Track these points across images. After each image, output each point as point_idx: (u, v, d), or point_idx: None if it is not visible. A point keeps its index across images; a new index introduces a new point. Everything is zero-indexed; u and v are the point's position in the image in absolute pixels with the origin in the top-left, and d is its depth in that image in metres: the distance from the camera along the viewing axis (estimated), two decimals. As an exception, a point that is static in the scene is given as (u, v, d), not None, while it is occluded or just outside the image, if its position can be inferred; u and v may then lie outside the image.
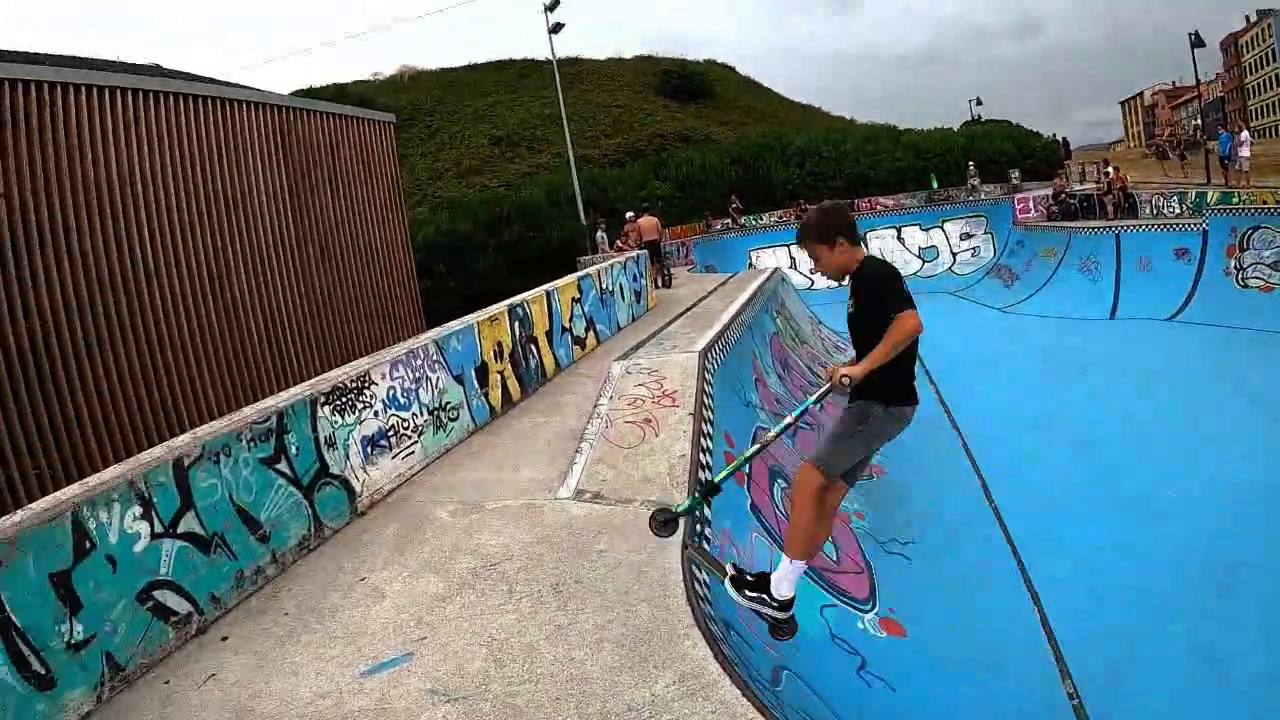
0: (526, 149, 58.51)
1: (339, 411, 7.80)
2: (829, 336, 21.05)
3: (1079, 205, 33.85)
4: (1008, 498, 12.21)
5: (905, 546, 10.20)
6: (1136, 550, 10.36)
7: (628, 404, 9.37)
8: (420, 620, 5.51)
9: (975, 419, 16.10)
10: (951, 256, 38.16)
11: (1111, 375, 19.14)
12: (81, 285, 13.51)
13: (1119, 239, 28.33)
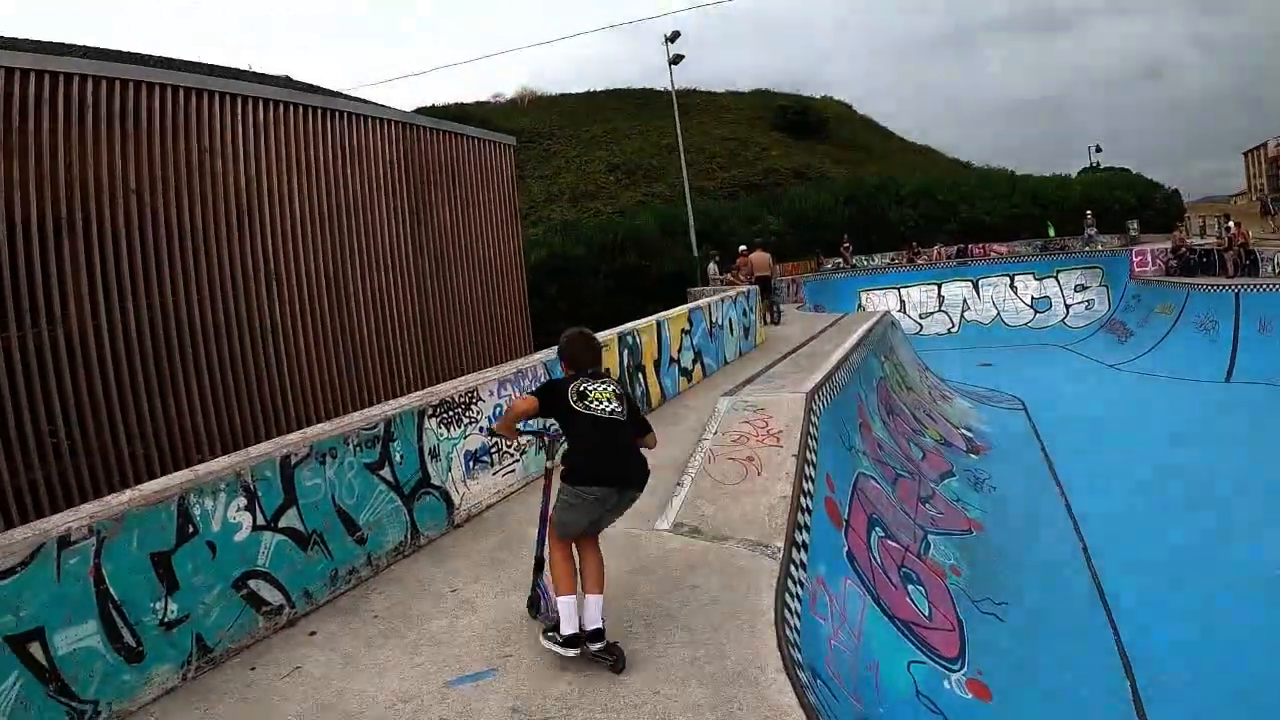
0: (642, 177, 58.93)
1: (445, 425, 8.00)
2: (936, 384, 20.73)
3: (1199, 260, 32.98)
4: (1109, 562, 11.81)
5: (1000, 607, 9.93)
6: (1240, 628, 9.88)
7: (732, 440, 9.31)
8: (508, 638, 5.56)
9: (1081, 478, 15.61)
10: (1065, 308, 37.20)
11: (1224, 441, 18.26)
12: (204, 280, 13.89)
13: (1239, 297, 27.12)
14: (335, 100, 18.27)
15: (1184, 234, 37.66)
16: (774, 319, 22.89)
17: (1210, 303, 28.23)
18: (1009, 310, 37.75)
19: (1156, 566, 11.74)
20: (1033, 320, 37.07)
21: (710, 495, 8.03)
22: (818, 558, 7.50)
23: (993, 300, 38.00)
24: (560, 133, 67.32)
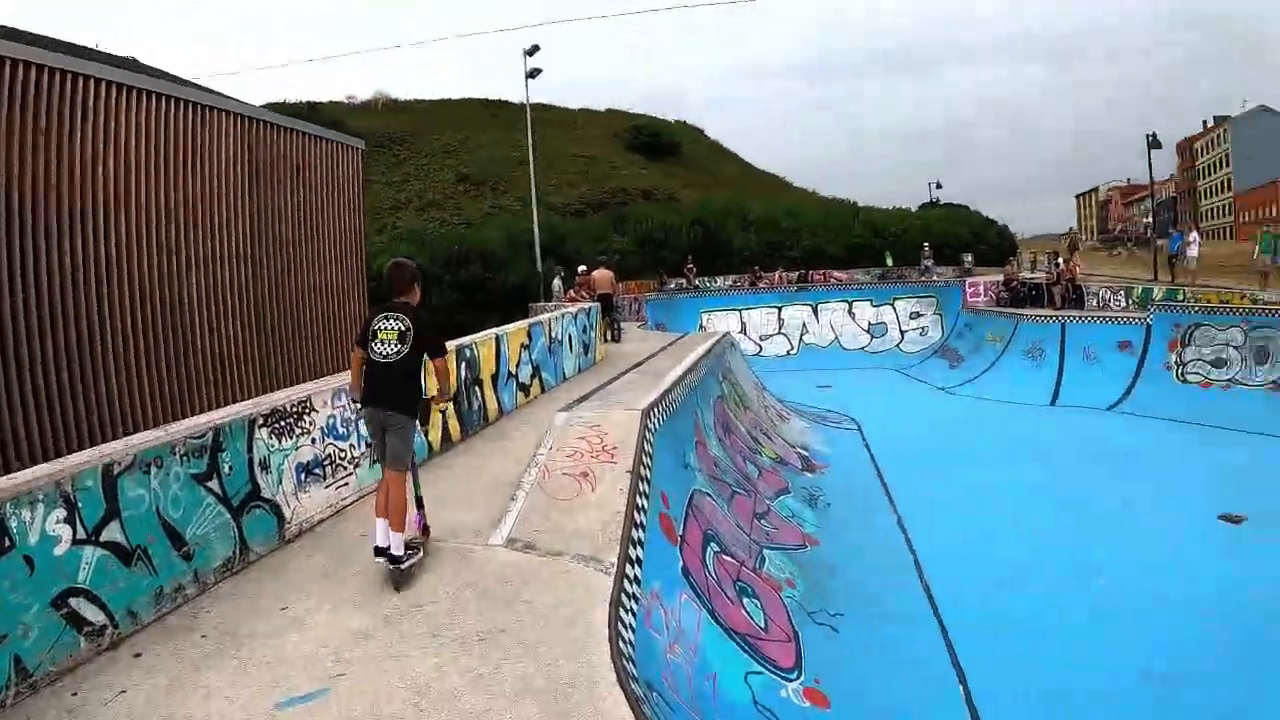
0: (490, 189, 58.65)
1: (277, 435, 7.72)
2: (774, 405, 21.18)
3: (1028, 293, 34.79)
4: (940, 575, 12.35)
5: (835, 618, 10.19)
6: (1065, 634, 10.62)
7: (567, 455, 9.32)
8: (340, 656, 5.42)
9: (912, 495, 16.33)
10: (900, 334, 38.79)
11: (1050, 460, 19.57)
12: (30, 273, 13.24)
13: (1065, 328, 29.25)
14: (180, 87, 17.61)
15: (1015, 268, 39.53)
16: (615, 337, 23.04)
17: (1038, 332, 30.15)
18: (846, 335, 38.94)
19: (985, 578, 12.41)
20: (869, 345, 38.46)
21: (544, 510, 8.03)
22: (652, 573, 7.58)
23: (831, 325, 39.19)
24: (412, 139, 66.64)
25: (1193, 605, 11.47)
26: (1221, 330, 24.99)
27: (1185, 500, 16.13)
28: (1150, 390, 25.29)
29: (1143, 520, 15.19)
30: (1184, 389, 24.80)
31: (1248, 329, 24.40)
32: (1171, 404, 23.90)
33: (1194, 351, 25.44)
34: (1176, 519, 15.15)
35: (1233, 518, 15.05)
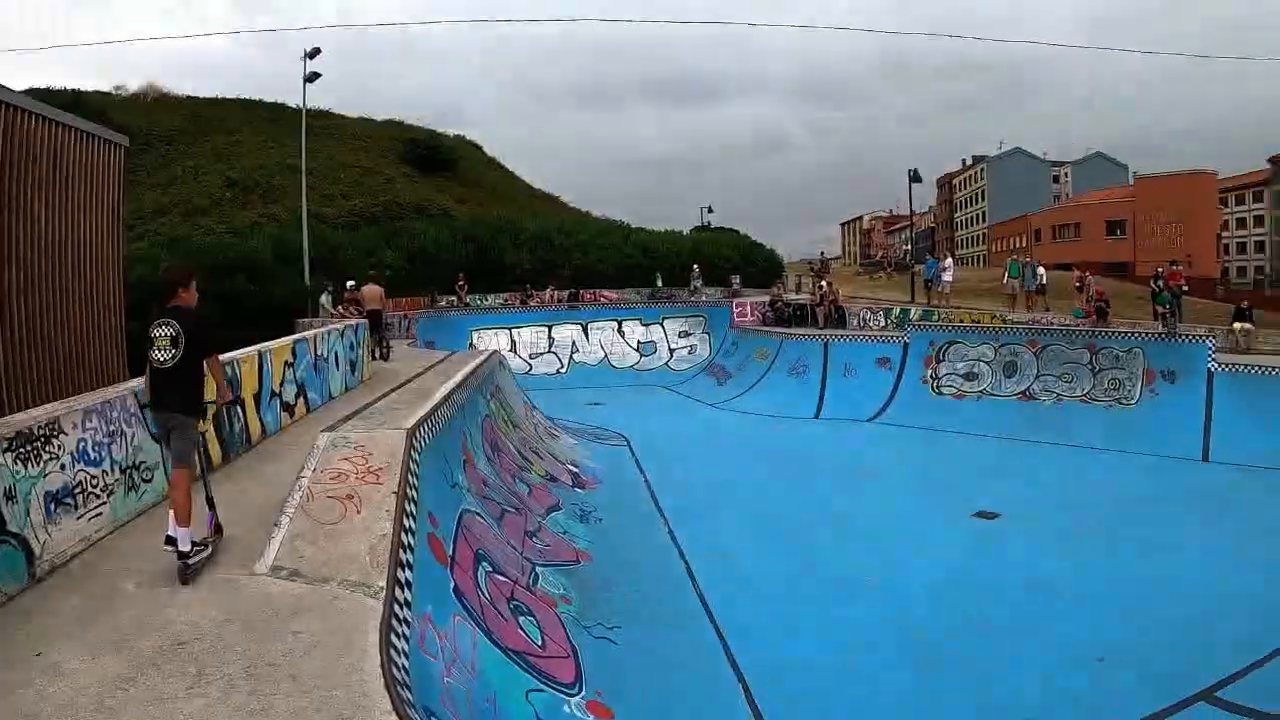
0: (260, 197, 56.08)
1: (22, 461, 6.97)
2: (544, 422, 21.32)
3: (793, 313, 36.34)
4: (714, 582, 12.82)
5: (612, 630, 10.43)
6: (838, 632, 11.36)
7: (331, 478, 9.04)
8: (101, 703, 5.10)
9: (683, 508, 16.84)
10: (669, 353, 39.66)
11: (815, 469, 20.89)
12: None
13: (827, 346, 30.93)
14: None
15: (781, 289, 41.14)
16: (383, 355, 22.53)
17: (802, 350, 31.76)
18: (616, 353, 39.42)
19: (758, 583, 13.04)
20: (639, 363, 39.14)
21: (310, 536, 7.81)
22: (423, 595, 7.55)
23: (601, 343, 39.60)
24: (181, 138, 62.54)
25: (954, 593, 12.74)
26: (973, 347, 27.62)
27: (943, 501, 17.82)
28: (908, 402, 27.52)
29: (905, 520, 16.53)
30: (939, 401, 27.26)
31: (997, 345, 27.19)
32: (928, 415, 26.29)
33: (948, 366, 27.92)
34: (936, 518, 16.63)
35: (987, 514, 16.67)
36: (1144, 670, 10.30)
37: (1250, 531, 15.79)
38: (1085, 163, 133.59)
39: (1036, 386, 26.19)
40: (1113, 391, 24.93)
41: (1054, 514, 17.04)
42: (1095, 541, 15.30)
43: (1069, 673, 10.32)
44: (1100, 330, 26.83)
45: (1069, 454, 22.41)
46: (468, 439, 13.93)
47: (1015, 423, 24.86)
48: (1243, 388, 22.83)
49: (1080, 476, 20.32)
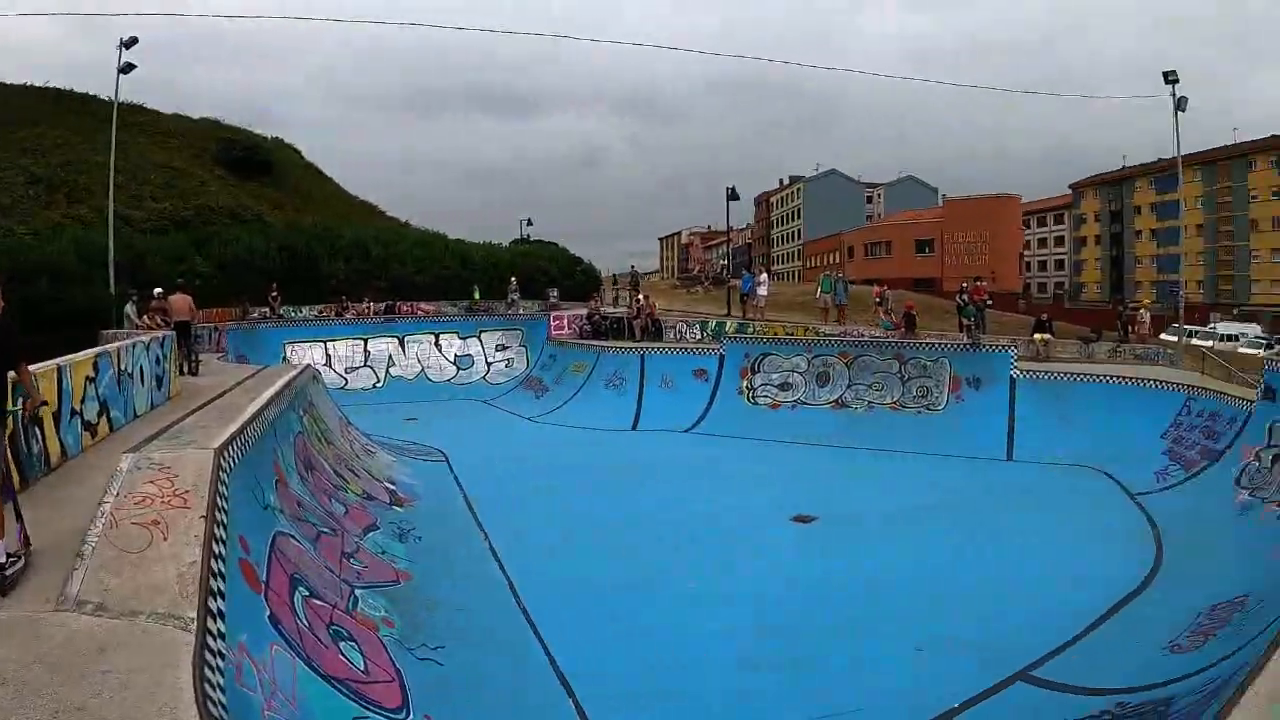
0: (65, 196, 52.79)
1: None
2: (359, 439, 21.01)
3: (610, 326, 36.82)
4: (538, 598, 12.92)
5: (437, 651, 10.34)
6: (664, 639, 11.72)
7: (136, 503, 8.56)
8: None
9: (502, 522, 16.94)
10: (486, 366, 39.41)
11: (633, 481, 21.27)
12: None
13: (644, 359, 31.50)
14: None
15: (599, 303, 41.46)
16: (192, 369, 21.74)
17: (619, 363, 32.19)
18: (433, 367, 38.91)
19: (581, 595, 13.23)
20: (456, 377, 38.71)
21: (114, 566, 7.36)
22: (238, 625, 7.30)
23: (418, 357, 39.01)
24: None
25: (776, 595, 13.38)
26: (787, 358, 29.00)
27: (762, 506, 18.53)
28: (724, 413, 28.49)
29: (726, 526, 17.17)
30: (755, 410, 28.48)
31: (811, 357, 28.70)
32: (744, 424, 27.30)
33: (763, 377, 29.19)
34: (756, 523, 17.35)
35: (804, 518, 17.39)
36: (963, 656, 11.09)
37: (1052, 523, 17.70)
38: (897, 185, 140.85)
39: (849, 395, 27.95)
40: (921, 399, 26.97)
41: (870, 515, 18.09)
42: (910, 539, 16.44)
43: (892, 664, 10.98)
44: (909, 341, 28.83)
45: (882, 458, 23.82)
46: (280, 458, 13.55)
47: (829, 430, 26.30)
48: (1042, 393, 25.18)
49: (893, 479, 21.66)
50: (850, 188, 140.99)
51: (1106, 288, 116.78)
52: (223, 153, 64.56)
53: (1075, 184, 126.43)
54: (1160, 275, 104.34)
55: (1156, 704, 8.52)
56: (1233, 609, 11.15)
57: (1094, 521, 17.71)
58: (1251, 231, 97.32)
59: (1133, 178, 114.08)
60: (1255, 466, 17.47)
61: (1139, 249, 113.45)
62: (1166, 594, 13.23)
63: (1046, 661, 10.89)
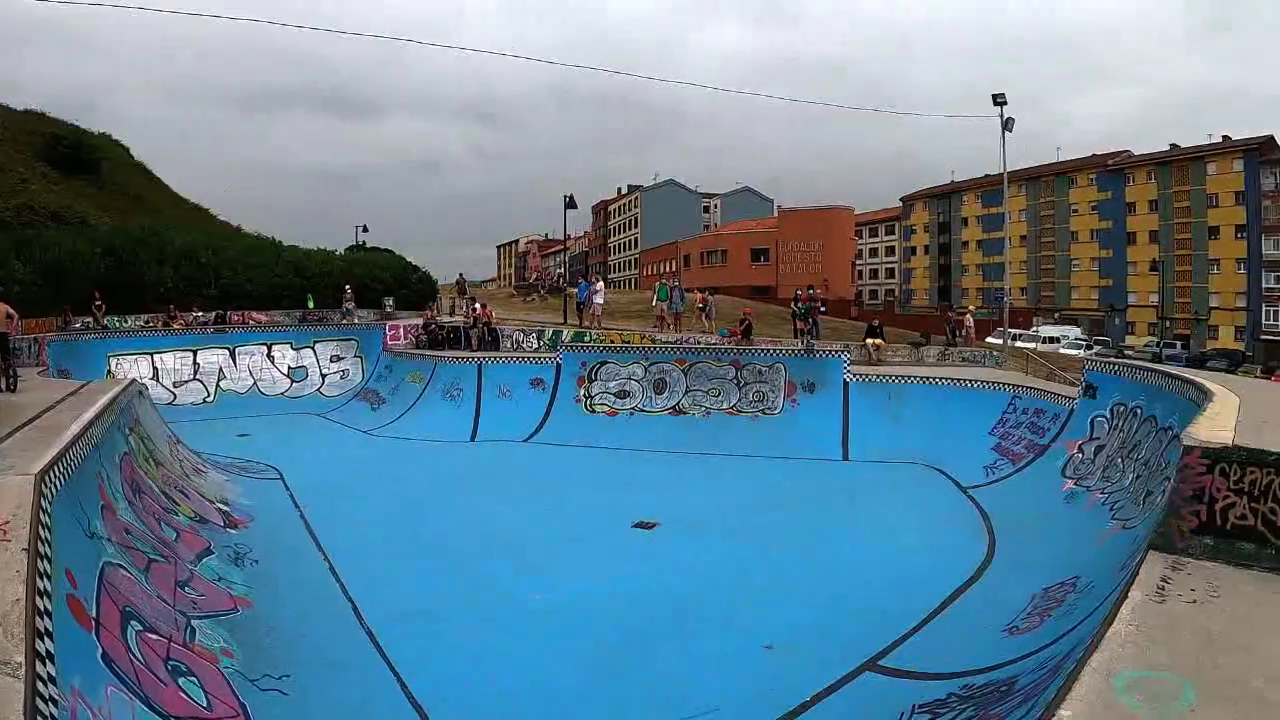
0: None
1: None
2: (190, 458, 20.39)
3: (446, 335, 36.71)
4: (382, 618, 12.71)
5: (281, 681, 10.11)
6: (512, 652, 11.65)
7: None
8: None
9: (342, 542, 16.59)
10: (321, 378, 38.59)
11: (473, 493, 21.30)
12: None
13: (481, 368, 31.56)
14: None
15: (435, 312, 41.13)
16: (10, 385, 20.79)
17: (456, 373, 32.16)
18: (266, 379, 37.77)
19: (425, 613, 13.09)
20: (289, 389, 37.70)
21: None
22: (69, 667, 6.84)
23: (250, 369, 37.78)
24: None
25: (623, 602, 13.51)
26: (624, 366, 29.41)
27: (603, 514, 18.76)
28: (562, 421, 28.81)
29: (568, 536, 17.30)
30: (593, 419, 28.89)
31: (648, 364, 29.10)
32: (582, 432, 27.66)
33: (601, 385, 29.62)
34: (598, 531, 17.56)
35: (646, 524, 17.69)
36: (811, 651, 11.46)
37: (889, 517, 18.80)
38: (733, 195, 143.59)
39: (686, 401, 28.65)
40: (758, 403, 27.89)
41: (711, 518, 18.49)
42: (753, 540, 16.92)
43: (742, 664, 11.24)
44: (744, 348, 29.66)
45: (721, 462, 24.45)
46: (106, 482, 12.95)
47: (667, 436, 26.95)
48: (875, 395, 26.58)
49: (733, 482, 22.18)
50: (687, 197, 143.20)
51: (935, 294, 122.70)
52: (46, 148, 61.47)
53: (906, 196, 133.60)
54: (986, 282, 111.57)
55: (1000, 684, 8.91)
56: (1065, 590, 11.78)
57: (930, 515, 18.74)
58: (1072, 242, 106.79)
59: (961, 191, 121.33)
60: (1079, 458, 18.70)
61: (966, 258, 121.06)
62: (1002, 580, 13.98)
63: (892, 650, 11.37)
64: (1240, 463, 7.69)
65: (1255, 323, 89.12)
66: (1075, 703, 5.04)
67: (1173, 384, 16.09)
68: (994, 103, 35.67)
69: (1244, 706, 5.01)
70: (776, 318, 49.74)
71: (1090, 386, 20.60)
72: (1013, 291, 76.26)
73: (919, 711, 9.19)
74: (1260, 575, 7.26)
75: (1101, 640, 5.90)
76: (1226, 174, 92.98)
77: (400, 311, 45.22)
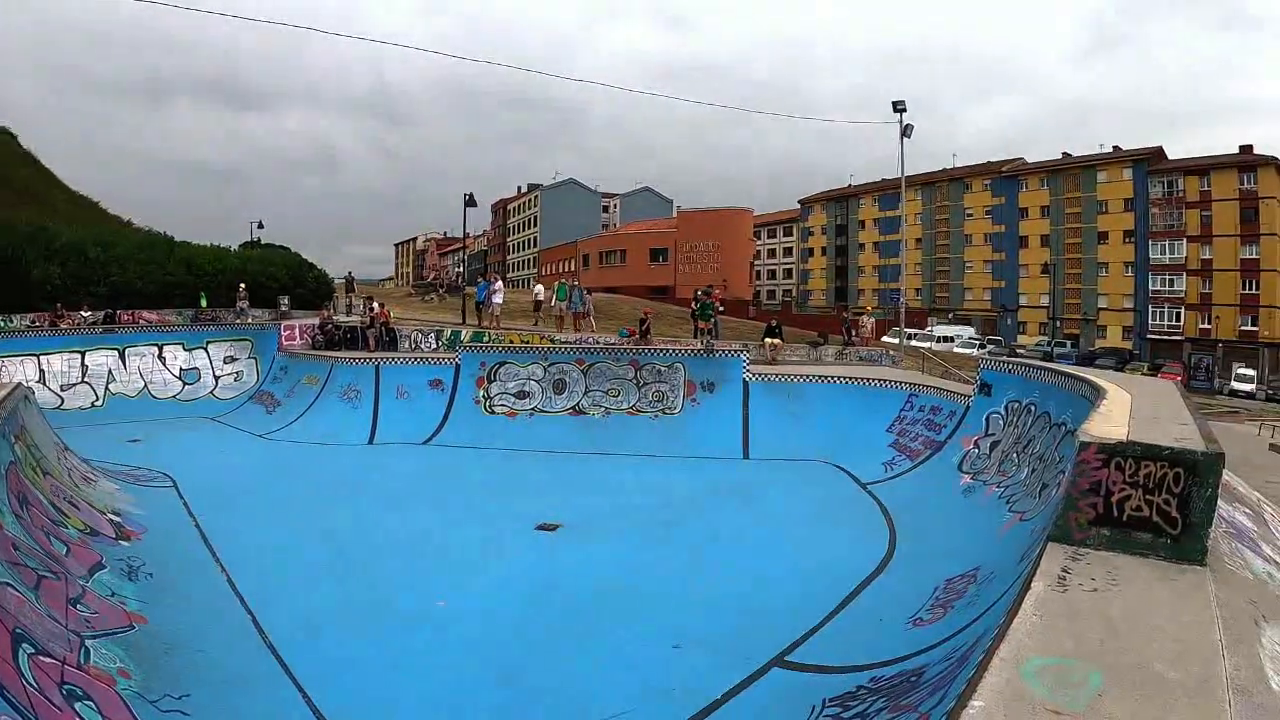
0: None
1: None
2: (79, 466, 19.72)
3: (343, 335, 36.30)
4: (284, 630, 12.36)
5: (183, 700, 9.77)
6: (419, 661, 11.46)
7: None
8: None
9: (240, 552, 16.08)
10: (214, 380, 37.50)
11: (372, 497, 20.85)
12: None
13: (379, 369, 31.10)
14: None
15: (331, 311, 40.54)
16: None
17: (353, 374, 31.64)
18: (158, 382, 36.54)
19: (328, 624, 12.72)
20: (182, 392, 36.57)
21: None
22: None
23: (141, 371, 36.51)
24: None
25: (528, 607, 13.39)
26: (524, 367, 29.36)
27: (505, 517, 18.58)
28: (462, 423, 28.65)
29: (470, 540, 17.08)
30: (492, 420, 28.81)
31: (546, 365, 29.11)
32: (482, 434, 27.65)
33: (500, 386, 29.47)
34: (500, 534, 17.34)
35: (549, 526, 17.64)
36: (719, 650, 11.43)
37: (791, 514, 18.93)
38: (633, 195, 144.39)
39: (586, 402, 28.68)
40: (657, 403, 28.06)
41: (613, 519, 18.47)
42: (656, 541, 16.92)
43: (651, 665, 11.22)
44: (644, 348, 29.88)
45: (622, 462, 24.49)
46: None
47: (568, 437, 26.98)
48: (774, 394, 27.11)
49: (634, 482, 22.11)
50: (588, 197, 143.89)
51: (832, 295, 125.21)
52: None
53: (804, 199, 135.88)
54: (882, 283, 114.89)
55: (908, 674, 9.07)
56: (966, 582, 12.06)
57: (831, 512, 19.00)
58: (966, 245, 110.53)
59: (858, 195, 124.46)
60: (975, 453, 19.43)
61: (863, 260, 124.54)
62: (904, 573, 14.22)
63: (800, 646, 11.49)
64: (1135, 457, 7.98)
65: (1142, 323, 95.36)
66: (986, 692, 5.14)
67: (1065, 381, 16.66)
68: (894, 109, 36.53)
69: (1148, 689, 5.21)
70: (675, 317, 50.12)
71: (985, 385, 21.29)
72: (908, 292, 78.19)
73: (830, 705, 9.32)
74: (1156, 564, 7.57)
75: (1008, 630, 6.04)
76: (1117, 181, 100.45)
77: (296, 311, 44.29)
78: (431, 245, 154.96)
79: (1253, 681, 5.51)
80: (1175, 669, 5.48)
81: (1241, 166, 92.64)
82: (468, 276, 74.54)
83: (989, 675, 5.34)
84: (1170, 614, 6.46)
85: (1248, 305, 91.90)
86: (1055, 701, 5.05)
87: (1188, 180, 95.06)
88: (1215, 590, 7.06)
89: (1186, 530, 7.70)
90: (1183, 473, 7.77)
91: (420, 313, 51.23)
